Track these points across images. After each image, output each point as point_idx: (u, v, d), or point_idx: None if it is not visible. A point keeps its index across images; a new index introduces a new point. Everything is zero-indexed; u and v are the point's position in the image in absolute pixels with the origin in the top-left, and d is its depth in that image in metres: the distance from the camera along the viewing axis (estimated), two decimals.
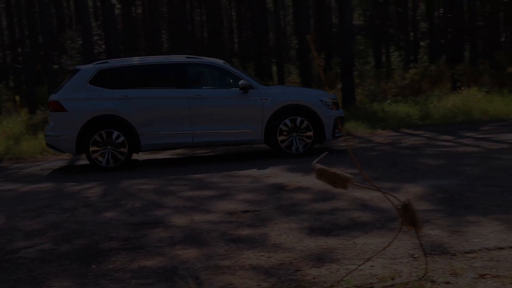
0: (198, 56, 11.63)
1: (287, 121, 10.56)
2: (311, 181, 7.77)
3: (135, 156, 12.08)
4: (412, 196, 6.75)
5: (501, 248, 4.73)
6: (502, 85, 21.91)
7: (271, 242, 5.32)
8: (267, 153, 11.50)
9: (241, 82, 10.50)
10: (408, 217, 4.15)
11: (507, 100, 16.45)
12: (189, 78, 10.69)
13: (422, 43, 40.77)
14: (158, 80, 10.87)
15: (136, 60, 11.36)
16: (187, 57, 11.07)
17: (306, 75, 24.03)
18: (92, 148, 10.28)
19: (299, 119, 10.57)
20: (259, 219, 6.22)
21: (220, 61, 11.18)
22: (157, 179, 9.25)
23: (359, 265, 4.35)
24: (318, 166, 4.10)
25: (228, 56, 37.96)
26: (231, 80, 10.77)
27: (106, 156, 10.32)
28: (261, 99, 10.58)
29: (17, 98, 21.98)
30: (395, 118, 15.75)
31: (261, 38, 29.18)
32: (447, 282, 4.03)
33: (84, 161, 11.57)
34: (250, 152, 11.72)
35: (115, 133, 10.30)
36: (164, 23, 40.17)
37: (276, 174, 8.95)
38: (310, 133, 10.59)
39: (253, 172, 9.30)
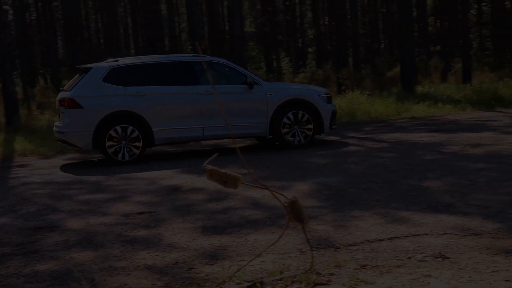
0: (203, 55, 12.52)
1: (289, 114, 11.22)
2: (205, 182, 7.94)
3: (24, 161, 11.82)
4: (300, 193, 7.09)
5: (381, 240, 5.11)
6: (382, 89, 23.11)
7: (166, 242, 5.46)
8: (163, 156, 11.59)
9: (248, 78, 11.15)
10: (295, 214, 4.42)
11: (387, 103, 17.39)
12: (197, 75, 11.10)
13: (309, 49, 42.24)
14: (168, 78, 11.06)
15: (145, 58, 11.55)
16: (193, 56, 11.58)
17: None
18: (107, 143, 10.49)
19: (300, 112, 11.27)
20: (154, 220, 6.34)
21: (223, 59, 11.87)
22: (54, 183, 9.13)
23: (250, 261, 4.58)
24: (209, 166, 4.29)
25: None
26: (235, 76, 11.28)
27: (122, 151, 10.58)
28: (266, 94, 11.19)
29: None
30: None
31: (156, 44, 29.15)
32: (331, 274, 4.32)
33: None
34: (147, 155, 11.76)
35: (130, 128, 10.60)
36: (60, 29, 39.22)
37: (171, 176, 9.07)
38: (311, 126, 11.32)
39: (149, 174, 9.38)
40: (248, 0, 47.13)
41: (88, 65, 11.17)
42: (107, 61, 11.29)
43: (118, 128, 10.53)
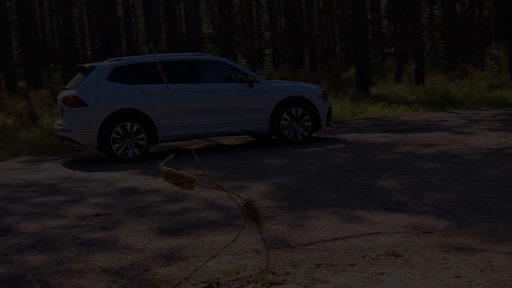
0: (203, 53, 12.95)
1: (289, 112, 11.46)
2: (162, 183, 7.90)
3: None
4: (257, 194, 7.14)
5: (336, 239, 5.19)
6: (338, 90, 23.36)
7: (122, 244, 5.44)
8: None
9: (249, 76, 11.37)
10: (251, 214, 4.46)
11: (342, 104, 17.59)
12: (199, 73, 11.29)
13: (267, 51, 42.47)
14: (171, 76, 11.00)
15: (147, 57, 11.62)
16: (195, 54, 11.76)
17: None
18: (112, 141, 10.58)
19: (299, 110, 11.51)
20: (111, 222, 6.30)
21: (224, 58, 12.20)
22: (7, 186, 8.98)
23: (206, 262, 4.60)
24: (165, 168, 4.29)
25: (81, 62, 37.08)
26: (235, 75, 11.51)
27: (127, 148, 10.67)
28: (265, 92, 11.41)
29: None
30: None
31: (112, 46, 28.88)
32: (287, 273, 4.38)
33: None
34: (102, 157, 11.66)
35: (135, 126, 10.68)
36: (14, 30, 38.49)
37: (128, 178, 9.02)
38: (309, 123, 11.55)
39: (106, 176, 9.30)
40: (206, 1, 47.13)
41: (92, 64, 11.29)
42: (108, 60, 11.39)
43: (123, 125, 10.64)
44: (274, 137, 11.79)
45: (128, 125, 10.65)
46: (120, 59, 11.26)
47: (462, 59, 31.92)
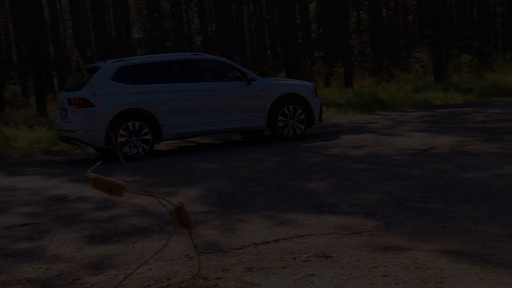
0: (202, 53, 13.61)
1: (285, 109, 11.85)
2: (92, 190, 7.75)
3: None
4: (188, 199, 7.11)
5: (267, 242, 5.22)
6: None
7: (50, 254, 5.31)
8: (48, 165, 11.23)
9: (248, 74, 11.70)
10: (181, 219, 4.43)
11: None
12: (199, 72, 11.64)
13: None
14: (173, 75, 11.47)
15: (148, 57, 11.96)
16: (194, 54, 12.23)
17: None
18: (119, 139, 10.66)
19: (295, 106, 11.91)
20: (38, 232, 6.14)
21: (222, 58, 12.69)
22: None
23: (136, 269, 4.54)
24: (93, 175, 4.22)
25: (6, 68, 35.96)
26: (234, 73, 11.89)
27: (136, 146, 10.82)
28: (263, 90, 11.77)
29: None
30: None
31: (39, 51, 28.16)
32: (218, 278, 4.38)
33: None
34: (31, 164, 11.36)
35: (140, 125, 10.84)
36: None
37: (56, 186, 8.81)
38: (303, 119, 12.01)
39: (33, 184, 9.06)
40: (136, 6, 46.59)
41: (96, 65, 11.47)
42: (111, 61, 11.58)
43: (129, 124, 10.77)
44: (265, 134, 12.35)
45: (135, 124, 10.82)
46: (122, 60, 11.51)
47: (389, 62, 32.70)
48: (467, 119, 13.51)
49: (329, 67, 30.68)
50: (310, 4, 41.17)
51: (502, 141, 9.77)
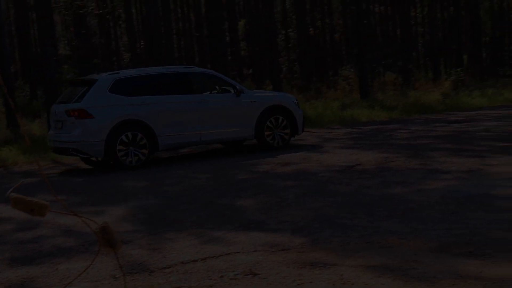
0: (193, 66, 14.53)
1: (271, 119, 12.30)
2: (13, 211, 7.53)
3: None
4: (115, 218, 6.99)
5: (195, 261, 5.19)
6: None
7: None
8: None
9: (237, 86, 12.20)
10: (106, 239, 4.34)
11: None
12: (192, 85, 12.11)
13: None
14: (168, 87, 11.80)
15: (143, 70, 12.50)
16: (185, 67, 12.95)
17: (7, 103, 22.96)
18: (118, 149, 10.88)
19: (280, 118, 12.39)
20: None
21: (212, 71, 13.39)
22: None
23: None
24: (14, 195, 4.09)
25: None
26: (223, 85, 12.30)
27: (133, 156, 11.00)
28: (251, 102, 12.22)
29: None
30: None
31: None
32: None
33: None
34: None
35: (139, 135, 11.09)
36: None
37: None
38: (288, 130, 12.53)
39: None
40: (61, 22, 45.72)
41: (93, 77, 11.81)
42: (107, 73, 11.91)
43: (128, 135, 11.00)
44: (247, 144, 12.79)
45: (132, 134, 11.04)
46: (118, 73, 11.95)
47: (316, 79, 33.25)
48: (391, 136, 13.87)
49: (258, 84, 30.91)
50: (239, 22, 41.48)
51: (423, 157, 10.08)
